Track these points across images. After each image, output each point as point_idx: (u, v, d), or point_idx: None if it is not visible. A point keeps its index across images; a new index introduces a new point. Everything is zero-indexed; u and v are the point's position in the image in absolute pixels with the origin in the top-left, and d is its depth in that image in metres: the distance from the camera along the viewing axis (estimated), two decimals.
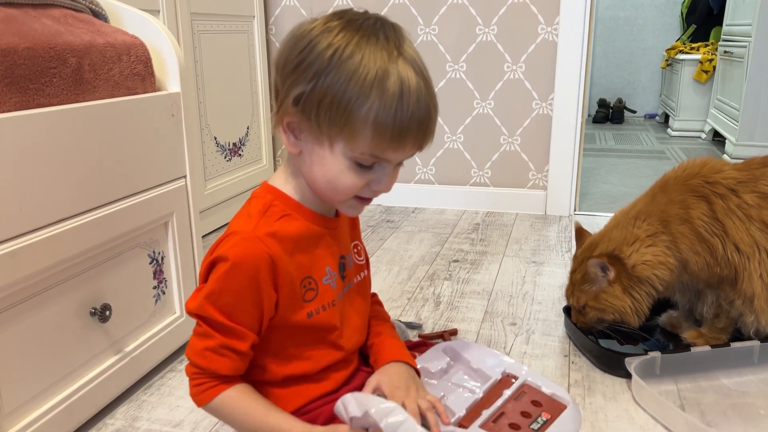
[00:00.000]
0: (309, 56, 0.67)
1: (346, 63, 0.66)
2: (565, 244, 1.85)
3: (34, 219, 0.85)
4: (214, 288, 0.72)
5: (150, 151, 1.08)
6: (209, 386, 0.74)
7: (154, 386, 1.11)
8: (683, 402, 1.04)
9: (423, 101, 0.68)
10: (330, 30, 0.68)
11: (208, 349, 0.73)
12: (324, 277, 0.79)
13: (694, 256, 1.10)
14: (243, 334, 0.73)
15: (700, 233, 1.09)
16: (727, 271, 1.09)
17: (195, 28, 1.79)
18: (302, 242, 0.76)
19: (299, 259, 0.75)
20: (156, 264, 1.13)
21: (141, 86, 1.08)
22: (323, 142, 0.70)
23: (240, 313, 0.72)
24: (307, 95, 0.67)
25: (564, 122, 2.08)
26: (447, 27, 2.13)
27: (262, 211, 0.75)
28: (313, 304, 0.77)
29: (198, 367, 0.74)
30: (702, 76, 3.73)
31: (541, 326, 1.32)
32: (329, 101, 0.66)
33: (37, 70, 0.87)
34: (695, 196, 1.10)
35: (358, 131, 0.67)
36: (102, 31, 1.03)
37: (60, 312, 0.91)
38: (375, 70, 0.66)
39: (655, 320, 1.30)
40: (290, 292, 0.75)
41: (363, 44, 0.67)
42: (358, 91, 0.65)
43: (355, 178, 0.71)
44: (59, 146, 0.89)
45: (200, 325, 0.74)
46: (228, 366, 0.73)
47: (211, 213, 1.91)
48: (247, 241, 0.72)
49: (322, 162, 0.71)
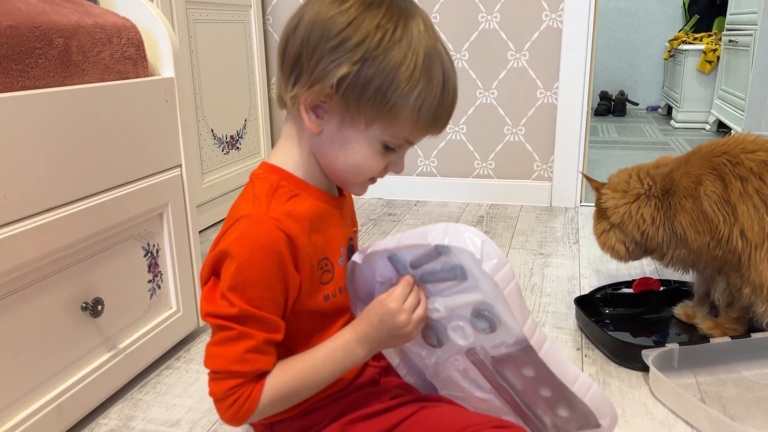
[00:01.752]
0: (354, 35, 0.63)
1: (394, 47, 0.63)
2: (572, 235, 1.80)
3: (19, 208, 0.80)
4: (237, 282, 0.65)
5: (143, 139, 1.03)
6: (248, 392, 0.65)
7: (150, 384, 1.06)
8: (703, 395, 1.00)
9: (456, 90, 0.68)
10: (373, 8, 0.64)
11: (250, 350, 0.65)
12: (339, 258, 0.74)
13: (694, 233, 1.07)
14: (277, 324, 0.67)
15: (705, 211, 1.06)
16: (730, 255, 1.05)
17: (190, 17, 1.74)
18: (316, 222, 0.71)
19: (315, 240, 0.71)
20: (151, 257, 1.08)
21: (133, 70, 1.03)
22: (359, 123, 0.66)
23: (269, 302, 0.66)
24: (351, 78, 0.63)
25: (569, 111, 2.03)
26: (448, 15, 2.08)
27: (270, 192, 0.69)
28: (330, 287, 0.73)
29: (237, 374, 0.65)
30: (706, 66, 3.68)
31: (551, 319, 1.27)
32: (376, 86, 0.63)
33: (21, 50, 0.82)
34: (713, 174, 1.07)
35: (403, 118, 0.65)
36: (91, 12, 0.98)
37: (48, 307, 0.87)
38: (423, 56, 0.64)
39: (670, 312, 1.25)
40: (310, 274, 0.70)
41: (409, 27, 0.64)
42: (407, 79, 0.63)
43: (380, 161, 0.69)
44: (46, 131, 0.84)
45: (230, 327, 0.65)
46: (272, 361, 0.67)
47: (209, 207, 1.86)
48: (262, 224, 0.66)
49: (350, 143, 0.68)
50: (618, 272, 1.51)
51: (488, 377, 0.72)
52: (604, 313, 1.27)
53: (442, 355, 0.74)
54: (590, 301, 1.26)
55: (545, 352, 0.65)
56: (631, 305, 1.28)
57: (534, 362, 0.66)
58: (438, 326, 0.71)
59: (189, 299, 1.17)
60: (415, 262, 0.68)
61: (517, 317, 0.64)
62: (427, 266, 0.67)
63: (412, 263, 0.68)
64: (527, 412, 0.72)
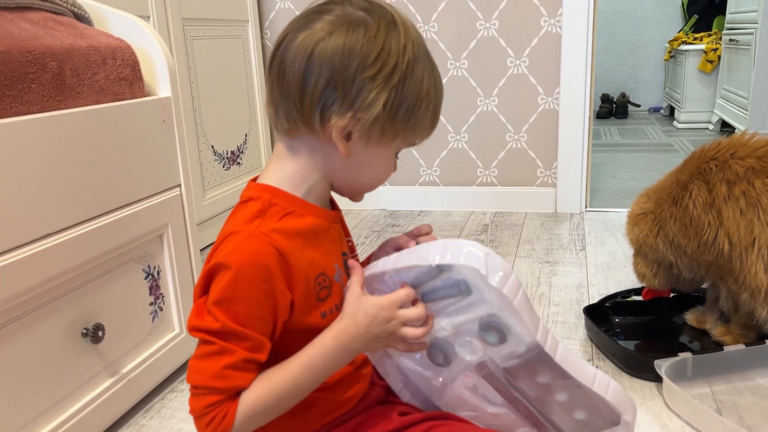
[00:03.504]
0: (389, 61, 0.65)
1: (417, 64, 0.67)
2: (579, 242, 1.78)
3: (16, 235, 0.79)
4: (223, 296, 0.64)
5: (140, 160, 1.02)
6: (224, 412, 0.64)
7: (154, 409, 1.04)
8: (719, 405, 0.98)
9: None
10: (389, 28, 0.66)
11: (229, 366, 0.64)
12: (335, 274, 0.73)
13: (685, 239, 1.06)
14: (262, 344, 0.65)
15: (691, 216, 1.05)
16: (722, 260, 1.03)
17: (187, 34, 1.73)
18: (311, 238, 0.70)
19: (310, 255, 0.69)
20: (152, 279, 1.07)
21: (129, 91, 1.02)
22: (382, 141, 0.69)
23: (255, 320, 0.65)
24: (392, 101, 0.66)
25: (571, 116, 2.02)
26: (447, 23, 2.07)
27: (263, 210, 0.68)
28: (327, 304, 0.71)
29: (215, 391, 0.64)
30: (707, 66, 3.66)
31: (560, 329, 1.25)
32: (410, 103, 0.67)
33: (13, 75, 0.81)
34: (699, 179, 1.06)
35: (419, 126, 0.69)
36: (85, 34, 0.97)
37: (48, 334, 0.85)
38: (430, 67, 0.68)
39: (681, 319, 1.23)
40: (305, 291, 0.68)
41: (419, 40, 0.68)
42: (428, 90, 0.67)
43: (392, 166, 0.73)
44: (41, 156, 0.83)
45: (212, 342, 0.64)
46: (250, 379, 0.65)
47: (211, 224, 1.85)
48: (250, 239, 0.65)
49: (372, 160, 0.70)
50: (627, 279, 1.48)
51: (500, 390, 0.70)
52: (614, 322, 1.24)
53: (450, 374, 0.72)
54: (600, 310, 1.24)
55: (560, 356, 0.63)
56: (642, 313, 1.26)
57: (549, 368, 0.64)
58: (444, 344, 0.69)
59: None
60: (415, 281, 0.66)
61: (529, 325, 0.62)
62: (427, 285, 0.66)
63: (412, 283, 0.66)
64: (543, 420, 0.70)
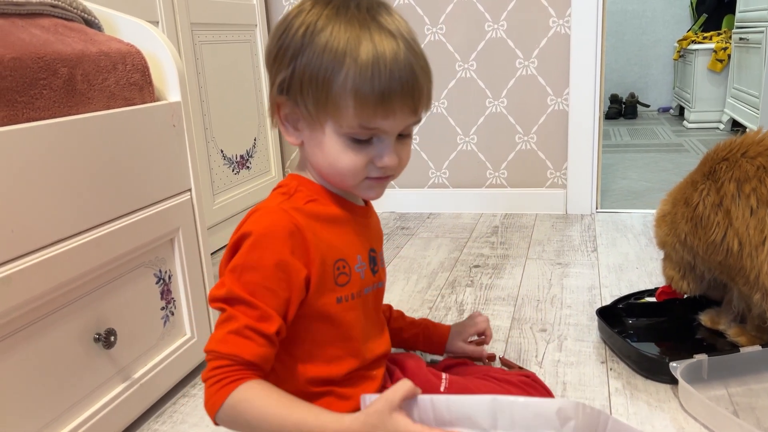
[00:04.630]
0: (285, 40, 0.67)
1: (317, 37, 0.65)
2: (590, 243, 1.77)
3: (28, 241, 0.79)
4: (238, 263, 0.67)
5: (151, 165, 1.02)
6: (229, 380, 0.63)
7: (166, 414, 1.04)
8: (736, 407, 0.96)
9: (403, 61, 0.66)
10: (303, 10, 0.67)
11: (232, 332, 0.65)
12: (356, 264, 0.74)
13: (696, 240, 1.06)
14: (269, 316, 0.66)
15: (700, 217, 1.04)
16: (731, 260, 1.02)
17: (196, 39, 1.73)
18: (331, 223, 0.73)
19: (330, 239, 0.71)
20: (163, 284, 1.07)
21: (139, 96, 1.02)
22: (315, 125, 0.68)
23: (265, 291, 0.66)
24: (288, 79, 0.67)
25: (581, 117, 2.01)
26: (454, 25, 2.07)
27: (288, 193, 0.73)
28: (346, 290, 0.73)
29: (219, 355, 0.64)
30: (717, 65, 3.63)
31: (573, 331, 1.24)
32: (308, 79, 0.65)
33: (25, 81, 0.81)
34: (710, 179, 1.05)
35: (340, 103, 0.65)
36: (95, 40, 0.97)
37: (60, 340, 0.85)
38: (346, 38, 0.64)
39: (695, 320, 1.22)
40: (322, 271, 0.70)
41: (332, 16, 0.65)
42: (332, 60, 0.64)
43: (353, 156, 0.69)
44: (52, 163, 0.83)
45: (223, 310, 0.67)
46: (253, 351, 0.65)
47: (221, 228, 1.85)
48: (271, 213, 0.69)
49: (321, 147, 0.70)
50: (639, 280, 1.47)
51: None
52: (628, 323, 1.23)
53: None
54: (613, 312, 1.23)
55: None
56: (655, 315, 1.25)
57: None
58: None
59: (203, 324, 1.15)
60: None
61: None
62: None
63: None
64: None
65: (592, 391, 1.03)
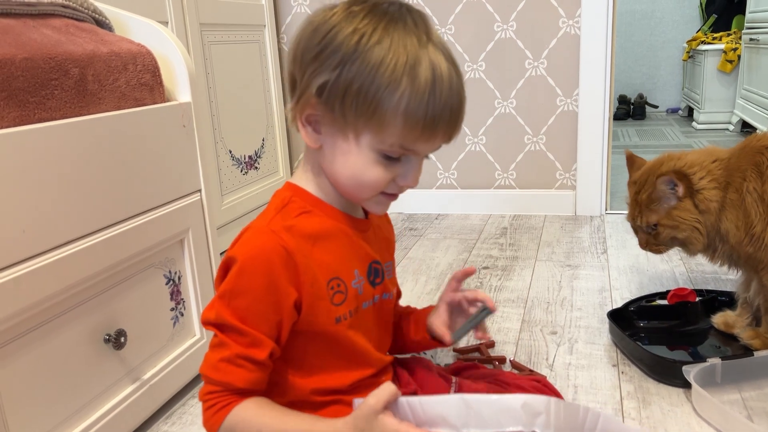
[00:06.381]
0: (332, 43, 0.63)
1: (374, 49, 0.61)
2: (600, 245, 1.75)
3: (38, 242, 0.79)
4: (227, 289, 0.66)
5: (161, 165, 1.02)
6: (222, 405, 0.66)
7: (176, 415, 1.04)
8: (750, 412, 0.95)
9: (455, 89, 0.65)
10: (354, 15, 0.63)
11: (224, 360, 0.66)
12: (353, 280, 0.72)
13: (734, 228, 1.05)
14: (260, 341, 0.66)
15: (746, 207, 1.03)
16: (761, 253, 1.02)
17: (205, 39, 1.73)
18: (324, 240, 0.70)
19: (323, 258, 0.69)
20: (173, 284, 1.06)
21: (149, 97, 1.02)
22: (348, 134, 0.65)
23: (255, 316, 0.66)
24: (331, 84, 0.63)
25: (590, 118, 2.00)
26: (464, 25, 2.06)
27: (279, 207, 0.70)
28: (342, 308, 0.71)
29: (212, 381, 0.67)
30: (726, 66, 3.61)
31: (584, 334, 1.23)
32: (356, 90, 0.62)
33: (36, 81, 0.81)
34: (755, 171, 1.04)
35: (388, 121, 0.63)
36: (106, 40, 0.97)
37: (70, 341, 0.85)
38: (406, 55, 0.61)
39: (708, 323, 1.21)
40: (314, 292, 0.68)
41: (391, 29, 0.62)
42: (388, 78, 0.61)
43: (381, 172, 0.67)
44: (63, 163, 0.83)
45: (215, 334, 0.68)
46: (245, 378, 0.66)
47: (230, 229, 1.85)
48: (259, 235, 0.67)
49: (346, 156, 0.67)
50: (650, 283, 1.46)
51: None
52: (639, 326, 1.22)
53: None
54: (624, 315, 1.22)
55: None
56: (667, 317, 1.24)
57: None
58: None
59: None
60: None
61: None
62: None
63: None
64: None
65: (603, 394, 1.02)
